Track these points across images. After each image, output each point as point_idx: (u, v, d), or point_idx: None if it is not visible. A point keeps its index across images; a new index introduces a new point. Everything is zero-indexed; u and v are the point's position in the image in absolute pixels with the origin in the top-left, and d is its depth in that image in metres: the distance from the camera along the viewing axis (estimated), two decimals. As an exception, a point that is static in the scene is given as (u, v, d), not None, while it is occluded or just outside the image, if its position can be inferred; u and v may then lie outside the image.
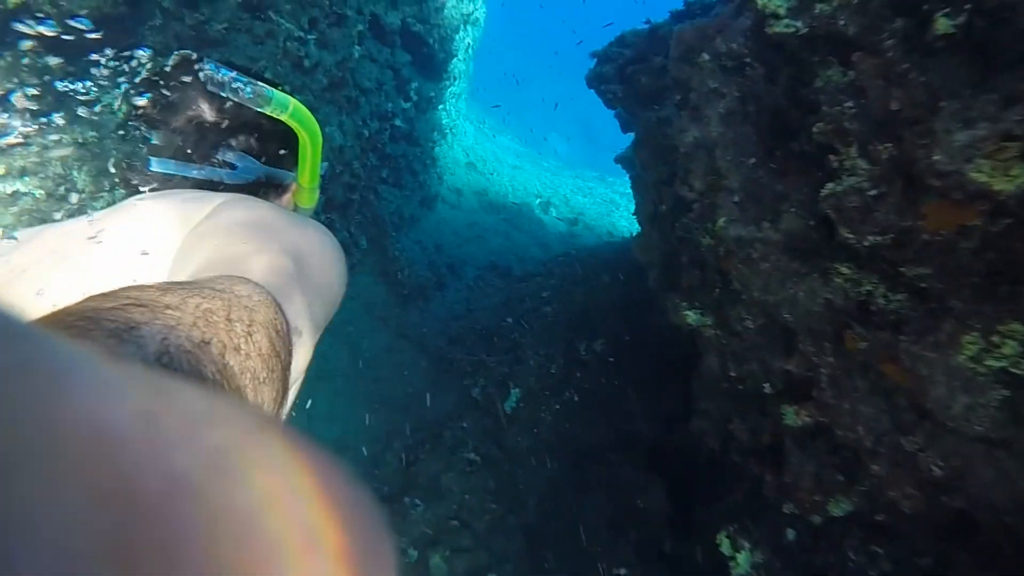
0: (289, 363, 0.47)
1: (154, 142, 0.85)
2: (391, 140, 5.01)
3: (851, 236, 1.43)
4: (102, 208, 0.79)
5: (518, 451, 3.96)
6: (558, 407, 4.13)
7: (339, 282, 0.71)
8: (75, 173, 2.87)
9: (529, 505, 3.69)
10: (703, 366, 2.38)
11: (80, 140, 2.84)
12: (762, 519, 2.17)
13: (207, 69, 0.84)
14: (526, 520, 3.61)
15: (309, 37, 3.82)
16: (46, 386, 0.15)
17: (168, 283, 0.40)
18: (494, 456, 3.86)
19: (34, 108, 2.48)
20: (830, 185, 1.45)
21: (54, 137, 2.74)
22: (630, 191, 7.05)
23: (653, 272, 3.00)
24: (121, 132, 0.86)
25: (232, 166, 0.87)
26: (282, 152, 0.93)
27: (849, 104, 1.47)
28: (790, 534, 1.95)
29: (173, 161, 0.85)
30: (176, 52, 0.88)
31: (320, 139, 0.94)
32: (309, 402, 4.13)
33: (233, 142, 0.88)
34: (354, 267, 4.86)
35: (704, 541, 2.68)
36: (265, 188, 0.93)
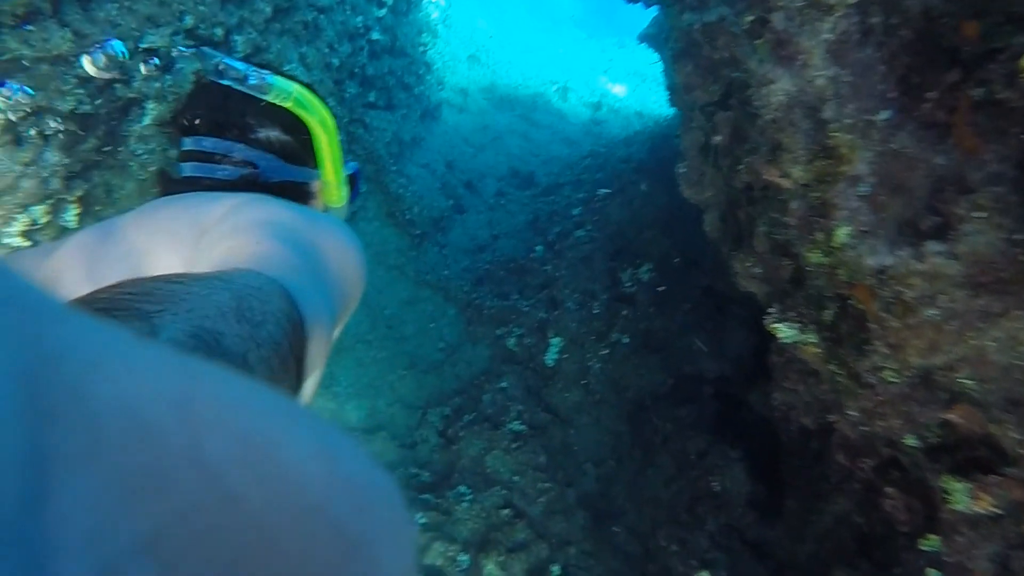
0: (303, 356, 0.46)
1: (185, 148, 0.86)
2: (370, 58, 4.22)
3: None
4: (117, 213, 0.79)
5: (567, 410, 3.55)
6: (606, 352, 3.65)
7: (356, 276, 0.70)
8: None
9: (588, 472, 3.33)
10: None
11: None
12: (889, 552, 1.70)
13: (213, 59, 0.84)
14: (586, 491, 3.26)
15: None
16: (83, 370, 0.15)
17: (179, 274, 0.39)
18: (541, 421, 3.46)
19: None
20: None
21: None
22: (656, 60, 6.06)
23: (710, 216, 2.35)
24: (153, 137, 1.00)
25: (254, 165, 0.86)
26: (304, 148, 0.91)
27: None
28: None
29: (201, 164, 0.85)
30: (192, 50, 0.88)
31: (332, 127, 0.91)
32: (332, 379, 3.75)
33: (254, 139, 0.86)
34: (355, 215, 4.29)
35: (798, 535, 2.25)
36: (291, 186, 0.90)
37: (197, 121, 0.85)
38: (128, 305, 0.32)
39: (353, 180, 1.04)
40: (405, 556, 0.20)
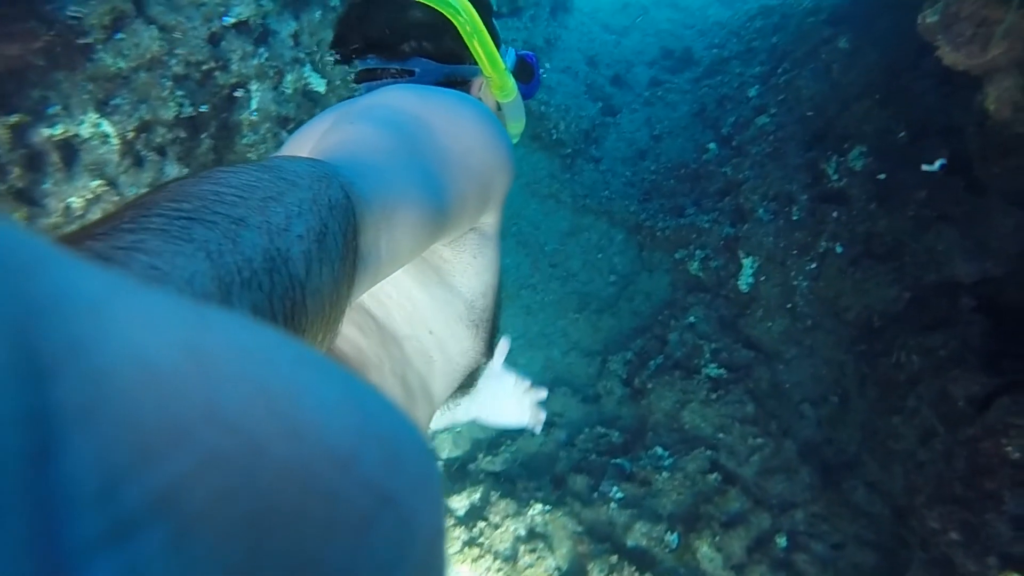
0: (353, 240, 0.40)
1: (355, 69, 0.85)
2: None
3: None
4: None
5: (771, 343, 2.99)
6: (814, 267, 2.98)
7: (483, 144, 0.63)
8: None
9: (806, 415, 2.80)
10: None
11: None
12: None
13: None
14: (807, 438, 2.75)
15: None
16: (84, 318, 0.14)
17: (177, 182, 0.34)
18: (742, 360, 2.95)
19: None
20: None
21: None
22: None
23: (998, 89, 1.60)
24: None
25: (411, 73, 0.82)
26: (460, 44, 0.85)
27: None
28: None
29: (369, 83, 0.83)
30: None
31: (471, 16, 0.83)
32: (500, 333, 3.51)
33: (406, 47, 0.82)
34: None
35: None
36: (451, 87, 0.83)
37: (352, 42, 0.84)
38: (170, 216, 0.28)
39: (526, 69, 0.99)
40: (436, 512, 0.19)
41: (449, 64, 0.85)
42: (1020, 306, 2.54)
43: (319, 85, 2.73)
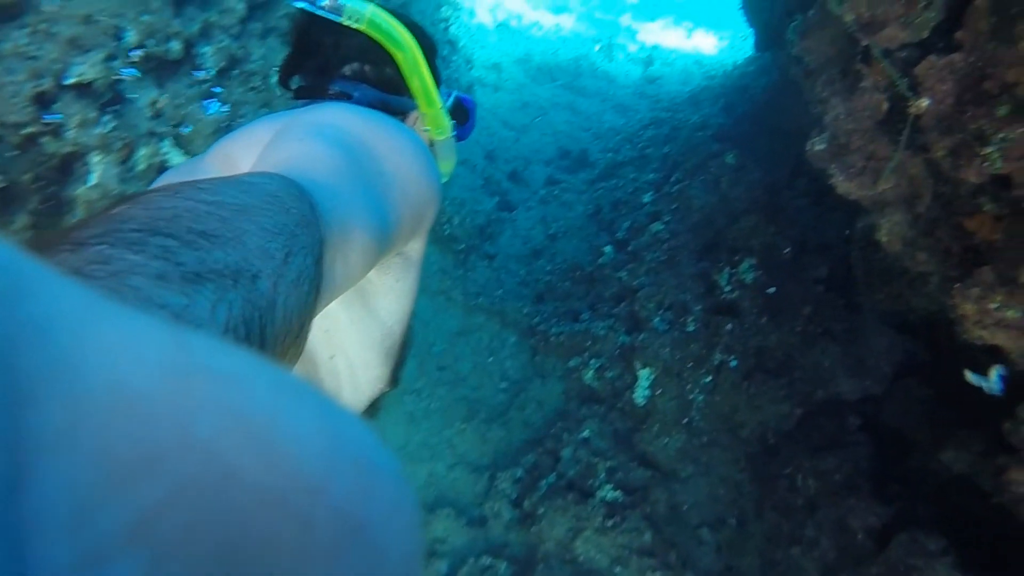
0: (320, 260, 0.40)
1: (293, 85, 0.87)
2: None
3: None
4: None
5: (668, 460, 2.83)
6: (709, 381, 2.89)
7: (418, 173, 0.64)
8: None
9: (705, 541, 2.61)
10: None
11: None
12: None
13: None
14: (708, 568, 2.55)
15: None
16: (66, 340, 0.14)
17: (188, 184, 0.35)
18: (638, 481, 2.75)
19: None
20: None
21: None
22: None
23: (890, 221, 1.56)
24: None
25: (349, 96, 0.84)
26: (401, 76, 0.86)
27: None
28: None
29: (308, 101, 0.83)
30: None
31: (413, 53, 0.84)
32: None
33: (347, 71, 0.85)
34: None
35: None
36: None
37: (299, 60, 0.85)
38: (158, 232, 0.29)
39: (462, 111, 1.00)
40: (409, 540, 0.19)
41: (388, 94, 0.86)
42: (898, 426, 2.54)
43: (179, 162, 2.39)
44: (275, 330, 0.32)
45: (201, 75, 2.44)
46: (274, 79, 2.69)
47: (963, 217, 1.27)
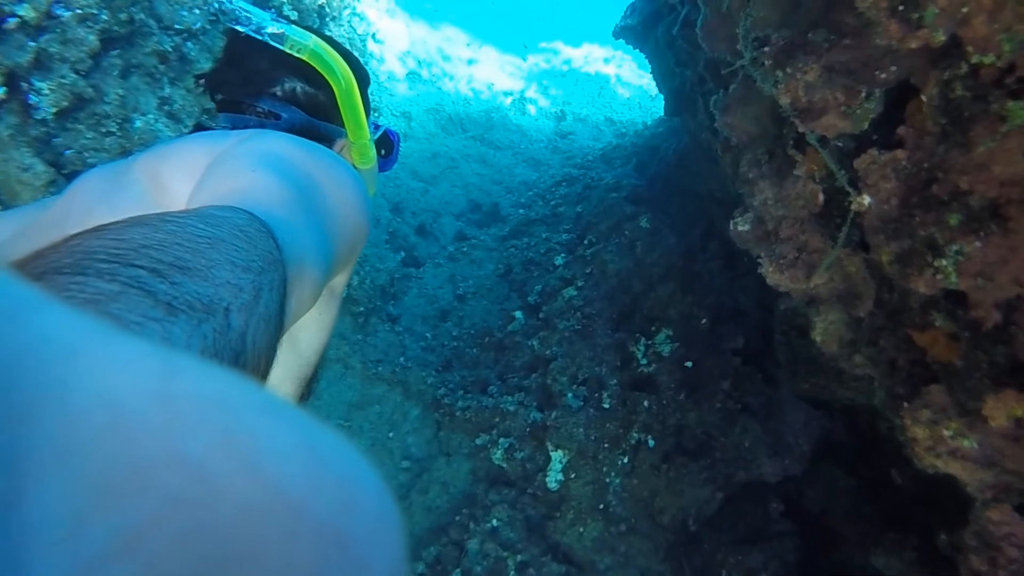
0: (284, 295, 0.40)
1: (218, 99, 0.86)
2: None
3: None
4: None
5: (584, 551, 2.58)
6: (626, 463, 2.69)
7: (358, 215, 0.65)
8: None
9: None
10: None
11: None
12: None
13: (230, 5, 0.81)
14: None
15: None
16: (61, 362, 0.15)
17: (161, 216, 0.35)
18: (553, 579, 2.49)
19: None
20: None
21: None
22: (622, 50, 5.28)
23: (825, 321, 1.42)
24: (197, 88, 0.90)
25: (277, 116, 0.84)
26: (333, 104, 0.87)
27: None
28: None
29: (231, 115, 0.84)
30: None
31: (350, 84, 0.85)
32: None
33: (278, 91, 0.85)
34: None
35: None
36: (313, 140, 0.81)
37: (227, 73, 0.84)
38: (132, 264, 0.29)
39: (387, 144, 1.01)
40: (393, 554, 0.19)
41: (316, 119, 0.86)
42: (819, 511, 2.44)
43: None
44: (246, 366, 0.32)
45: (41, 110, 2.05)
46: (137, 124, 2.33)
47: (912, 329, 1.14)
